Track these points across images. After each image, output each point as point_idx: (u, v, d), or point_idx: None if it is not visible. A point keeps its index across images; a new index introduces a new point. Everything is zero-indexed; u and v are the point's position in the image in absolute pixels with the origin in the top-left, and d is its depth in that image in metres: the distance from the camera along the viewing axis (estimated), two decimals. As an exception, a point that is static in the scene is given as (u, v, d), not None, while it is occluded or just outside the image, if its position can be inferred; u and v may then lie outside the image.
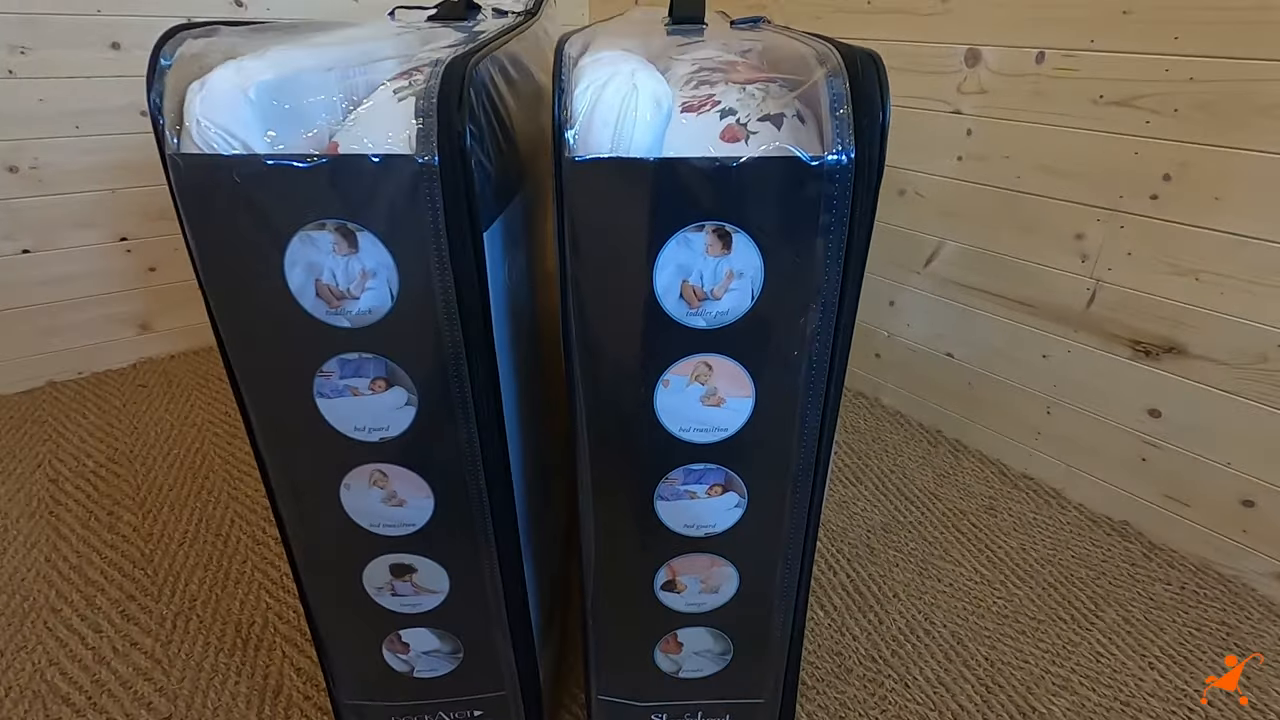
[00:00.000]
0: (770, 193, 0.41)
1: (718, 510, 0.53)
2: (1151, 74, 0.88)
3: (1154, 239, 0.93)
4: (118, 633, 0.84)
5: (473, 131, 0.41)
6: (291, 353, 0.46)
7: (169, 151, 0.40)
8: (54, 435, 1.20)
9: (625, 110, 0.41)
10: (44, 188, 1.24)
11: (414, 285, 0.44)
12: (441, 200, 0.41)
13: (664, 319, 0.45)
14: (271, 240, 0.42)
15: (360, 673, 0.63)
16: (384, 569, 0.56)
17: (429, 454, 0.50)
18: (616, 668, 0.63)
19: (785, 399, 0.48)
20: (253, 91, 0.40)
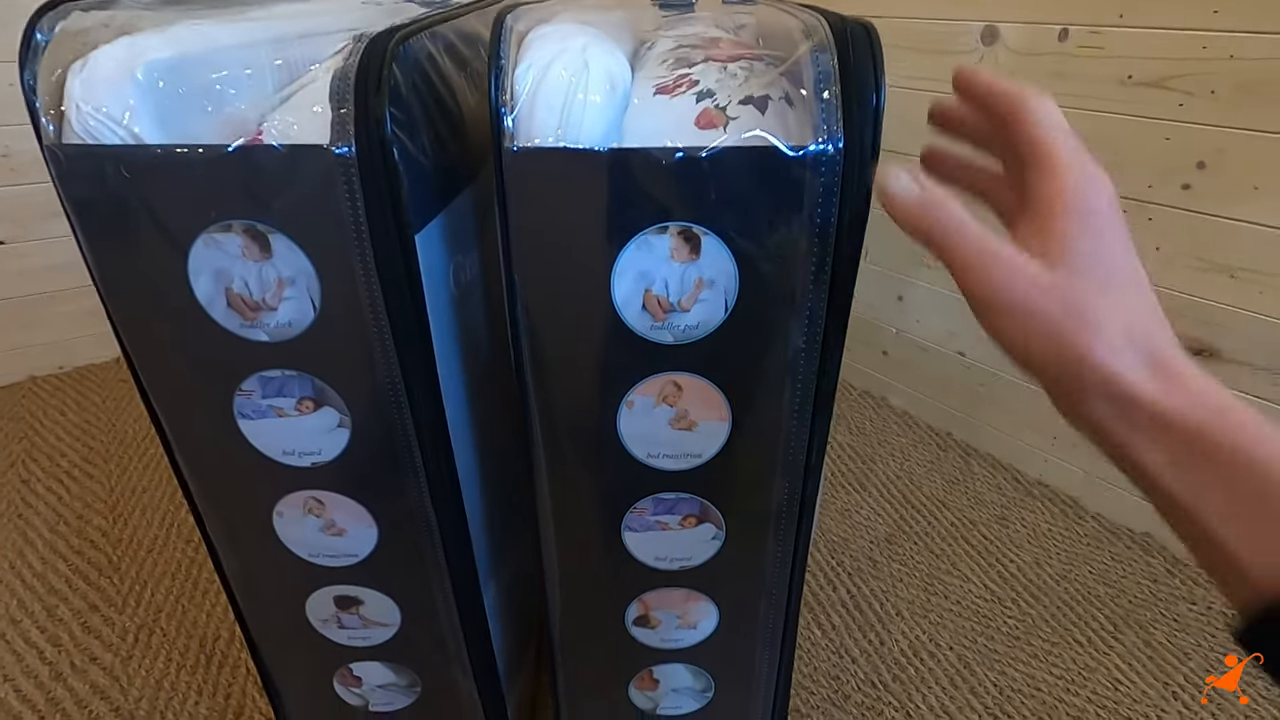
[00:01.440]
0: (744, 188, 0.35)
1: (692, 542, 0.47)
2: (1186, 51, 0.81)
3: (1185, 232, 0.85)
4: (77, 647, 0.80)
5: (397, 117, 0.35)
6: (205, 371, 0.41)
7: (47, 142, 0.35)
8: (30, 433, 1.17)
9: (573, 92, 0.35)
10: (17, 176, 1.20)
11: (338, 294, 0.38)
12: (362, 197, 0.36)
13: (625, 333, 0.39)
14: (171, 244, 0.37)
15: (311, 706, 0.58)
16: (328, 601, 0.51)
17: (368, 480, 0.45)
18: (589, 705, 0.58)
19: (766, 423, 0.42)
20: (141, 71, 0.35)
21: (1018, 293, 0.26)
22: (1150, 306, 0.26)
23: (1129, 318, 0.25)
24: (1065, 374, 0.25)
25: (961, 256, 0.27)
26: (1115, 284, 0.25)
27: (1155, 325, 0.25)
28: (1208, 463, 0.24)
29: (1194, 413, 0.24)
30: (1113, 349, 0.24)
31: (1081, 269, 0.25)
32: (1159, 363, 0.24)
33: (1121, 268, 0.26)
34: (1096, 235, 0.26)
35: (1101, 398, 0.25)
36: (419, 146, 0.38)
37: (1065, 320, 0.25)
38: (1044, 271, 0.26)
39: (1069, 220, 0.26)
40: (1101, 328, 0.25)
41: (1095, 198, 0.26)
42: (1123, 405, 0.24)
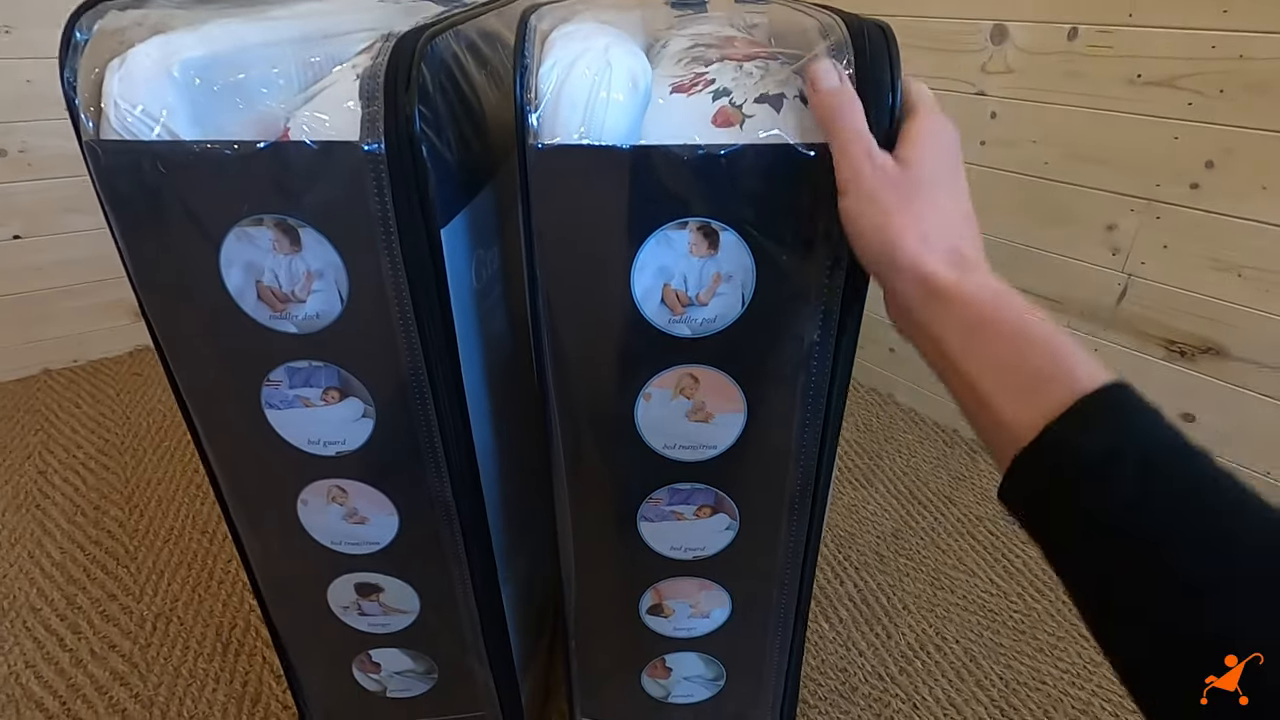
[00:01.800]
0: (762, 185, 0.36)
1: (707, 532, 0.48)
2: (1196, 51, 0.81)
3: (1193, 231, 0.86)
4: (96, 634, 0.81)
5: (425, 115, 0.36)
6: (235, 361, 0.42)
7: (86, 138, 0.36)
8: (46, 425, 1.18)
9: (597, 90, 0.36)
10: (33, 172, 1.21)
11: (365, 287, 0.39)
12: (390, 193, 0.37)
13: (644, 327, 0.40)
14: (205, 237, 0.38)
15: (330, 691, 0.59)
16: (349, 588, 0.52)
17: (390, 469, 0.46)
18: (601, 692, 0.59)
19: (781, 415, 0.43)
20: (177, 69, 0.36)
21: (867, 178, 0.33)
22: (962, 215, 0.33)
23: (942, 219, 0.32)
24: (884, 255, 0.32)
25: (844, 139, 0.34)
26: (940, 193, 0.33)
27: (963, 229, 0.33)
28: (986, 332, 0.30)
29: (979, 293, 0.30)
30: (924, 239, 0.31)
31: (917, 177, 0.33)
32: (958, 257, 0.31)
33: (947, 184, 0.33)
34: (937, 159, 0.33)
35: (910, 279, 0.31)
36: (445, 143, 0.39)
37: (894, 210, 0.32)
38: (894, 169, 0.33)
39: (920, 145, 0.34)
40: (919, 220, 0.32)
41: (943, 134, 0.34)
42: (925, 285, 0.31)
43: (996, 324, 0.30)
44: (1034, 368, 0.28)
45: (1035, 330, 0.29)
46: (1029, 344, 0.29)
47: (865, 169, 0.33)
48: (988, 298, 0.30)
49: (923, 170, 0.33)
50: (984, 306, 0.30)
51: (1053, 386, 0.27)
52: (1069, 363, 0.28)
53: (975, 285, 0.31)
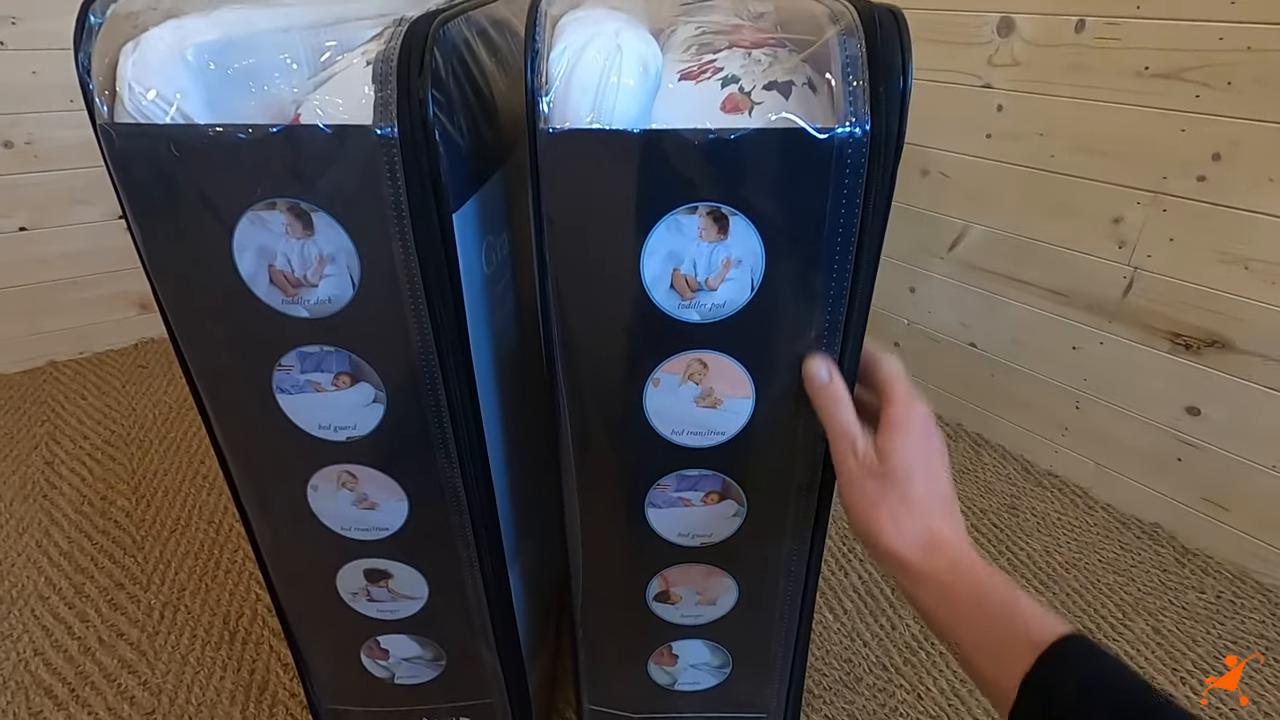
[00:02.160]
0: (772, 170, 0.36)
1: (714, 519, 0.48)
2: (1203, 43, 0.81)
3: (1199, 224, 0.86)
4: (104, 622, 0.82)
5: (438, 99, 0.36)
6: (247, 345, 0.42)
7: (100, 121, 0.36)
8: (53, 416, 1.19)
9: (607, 75, 0.36)
10: (40, 163, 1.22)
11: (377, 272, 0.39)
12: (403, 177, 0.37)
13: (653, 312, 0.40)
14: (218, 221, 0.38)
15: (339, 678, 0.60)
16: (358, 574, 0.52)
17: (400, 455, 0.46)
18: (608, 679, 0.60)
19: (788, 401, 0.43)
20: (191, 53, 0.36)
21: (853, 469, 0.39)
22: (938, 497, 0.38)
23: (916, 506, 0.37)
24: (869, 539, 0.39)
25: (834, 435, 0.40)
26: (915, 483, 0.38)
27: (936, 510, 0.38)
28: (954, 604, 0.36)
29: (942, 573, 0.36)
30: (898, 527, 0.37)
31: (893, 469, 0.38)
32: (928, 538, 0.37)
33: (921, 472, 0.38)
34: (912, 449, 0.38)
35: (890, 562, 0.38)
36: (456, 128, 0.39)
37: (873, 502, 0.38)
38: (874, 462, 0.39)
39: (896, 435, 0.39)
40: (894, 511, 0.37)
41: (917, 422, 0.39)
42: (901, 567, 0.37)
43: (960, 598, 0.36)
44: (997, 634, 0.34)
45: (992, 598, 0.35)
46: (988, 612, 0.35)
47: (851, 462, 0.39)
48: (949, 577, 0.36)
49: (899, 461, 0.38)
50: (948, 583, 0.36)
51: (1017, 648, 0.33)
52: (1024, 625, 0.33)
53: (942, 564, 0.36)
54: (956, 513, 0.38)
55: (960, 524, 0.38)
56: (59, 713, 0.72)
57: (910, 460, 0.38)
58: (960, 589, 0.36)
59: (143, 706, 0.73)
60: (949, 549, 0.37)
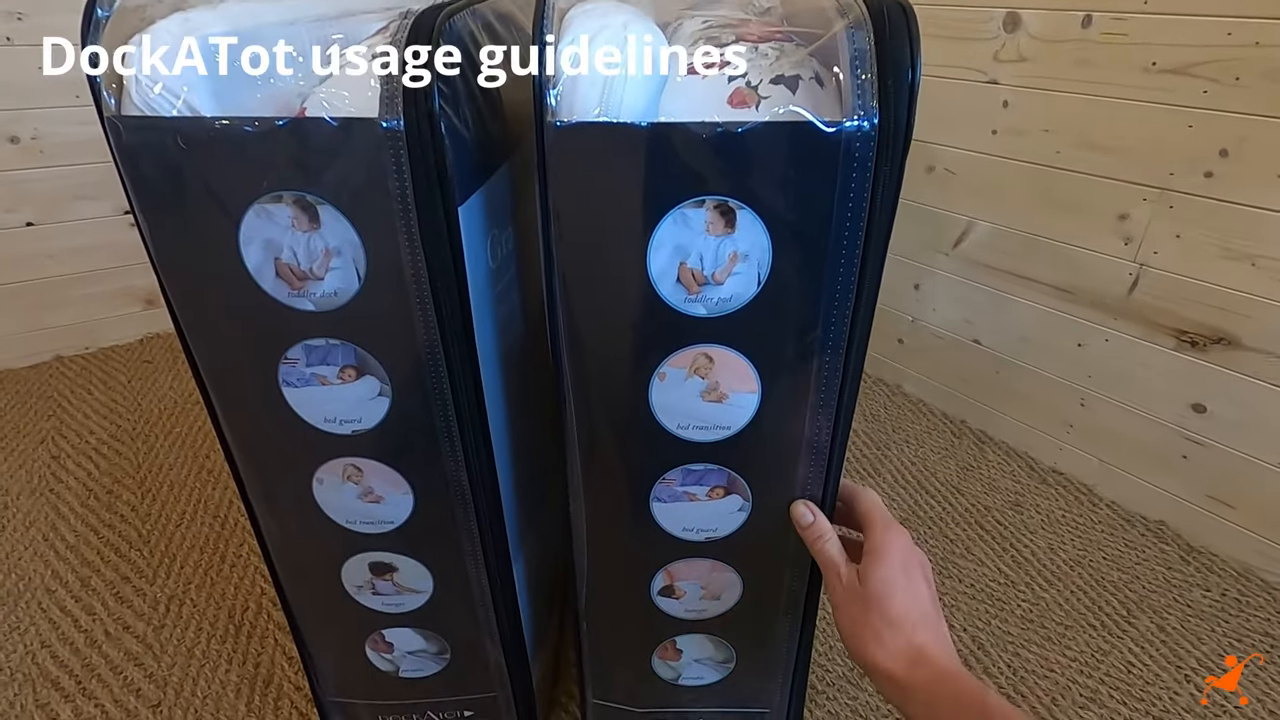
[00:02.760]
0: (780, 163, 0.36)
1: (719, 514, 0.48)
2: (1212, 38, 0.81)
3: (1206, 220, 0.86)
4: (110, 616, 0.82)
5: (444, 92, 0.36)
6: (253, 338, 0.42)
7: (107, 114, 0.36)
8: (58, 411, 1.19)
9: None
10: (45, 159, 1.22)
11: (383, 265, 0.39)
12: (409, 170, 0.37)
13: (659, 305, 0.40)
14: (225, 214, 0.38)
15: (343, 671, 0.60)
16: (363, 567, 0.52)
17: (406, 448, 0.46)
18: (612, 673, 0.60)
19: (795, 395, 0.43)
20: (198, 46, 0.36)
21: (840, 594, 0.44)
22: (919, 613, 0.41)
23: (897, 624, 0.41)
24: (857, 657, 0.42)
25: (822, 566, 0.46)
26: (894, 602, 0.41)
27: (918, 624, 0.41)
28: (938, 714, 0.39)
29: (926, 685, 0.39)
30: (880, 644, 0.41)
31: (874, 593, 0.42)
32: (912, 652, 0.40)
33: (901, 592, 0.42)
34: (891, 572, 0.42)
35: (877, 676, 0.41)
36: (462, 121, 0.39)
37: (858, 621, 0.42)
38: (856, 585, 0.43)
39: (877, 561, 0.43)
40: (877, 630, 0.41)
41: (895, 548, 0.43)
42: (888, 680, 0.41)
43: (944, 708, 0.38)
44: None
45: (971, 708, 0.38)
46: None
47: (838, 588, 0.44)
48: (933, 688, 0.39)
49: (878, 584, 0.42)
50: (934, 694, 0.39)
51: None
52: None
53: (925, 676, 0.39)
54: (940, 625, 0.42)
55: (944, 636, 0.41)
56: (66, 705, 0.72)
57: (889, 582, 0.42)
58: (943, 700, 0.39)
59: (149, 699, 0.73)
60: (932, 662, 0.40)
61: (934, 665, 0.40)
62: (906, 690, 0.40)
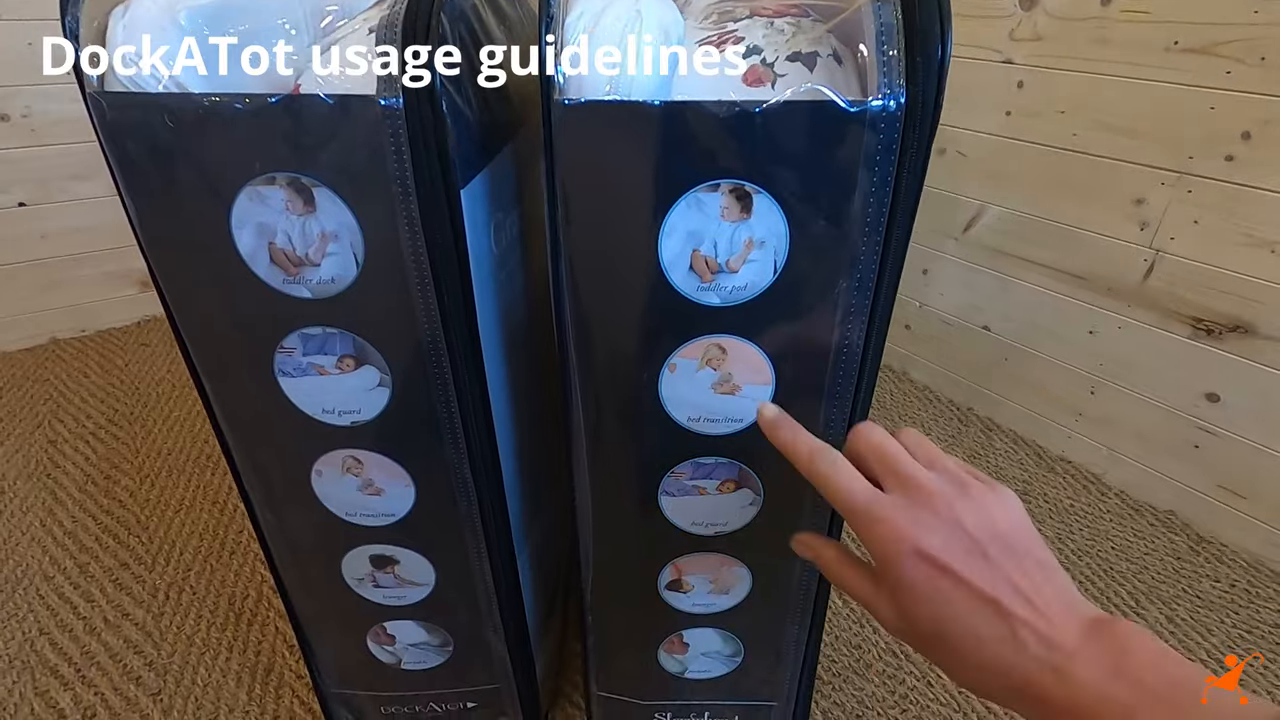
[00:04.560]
0: (800, 145, 0.34)
1: (729, 508, 0.47)
2: (1236, 16, 0.78)
3: (1226, 205, 0.83)
4: (109, 603, 0.81)
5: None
6: (247, 327, 0.40)
7: (89, 90, 0.34)
8: (55, 395, 1.18)
9: (627, 43, 0.34)
10: (37, 137, 1.19)
11: (382, 250, 0.38)
12: (408, 150, 0.35)
13: (671, 294, 0.38)
14: (215, 196, 0.36)
15: (345, 662, 0.59)
16: (364, 560, 0.51)
17: (407, 440, 0.45)
18: (618, 666, 0.59)
19: (810, 389, 0.42)
20: (184, 17, 0.34)
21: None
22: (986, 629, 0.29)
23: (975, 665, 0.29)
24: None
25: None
26: (952, 636, 0.30)
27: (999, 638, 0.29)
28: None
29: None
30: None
31: (926, 632, 0.31)
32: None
33: (952, 624, 0.29)
34: (916, 608, 0.30)
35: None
36: (465, 100, 0.37)
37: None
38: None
39: (894, 600, 0.31)
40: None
41: (893, 572, 0.31)
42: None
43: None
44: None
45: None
46: None
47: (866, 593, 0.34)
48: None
49: (924, 626, 0.31)
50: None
51: None
52: None
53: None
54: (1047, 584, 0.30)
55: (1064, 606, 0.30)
56: (65, 692, 0.72)
57: (928, 620, 0.31)
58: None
59: (149, 686, 0.72)
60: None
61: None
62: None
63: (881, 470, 0.33)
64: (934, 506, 0.31)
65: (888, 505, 0.31)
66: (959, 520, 0.30)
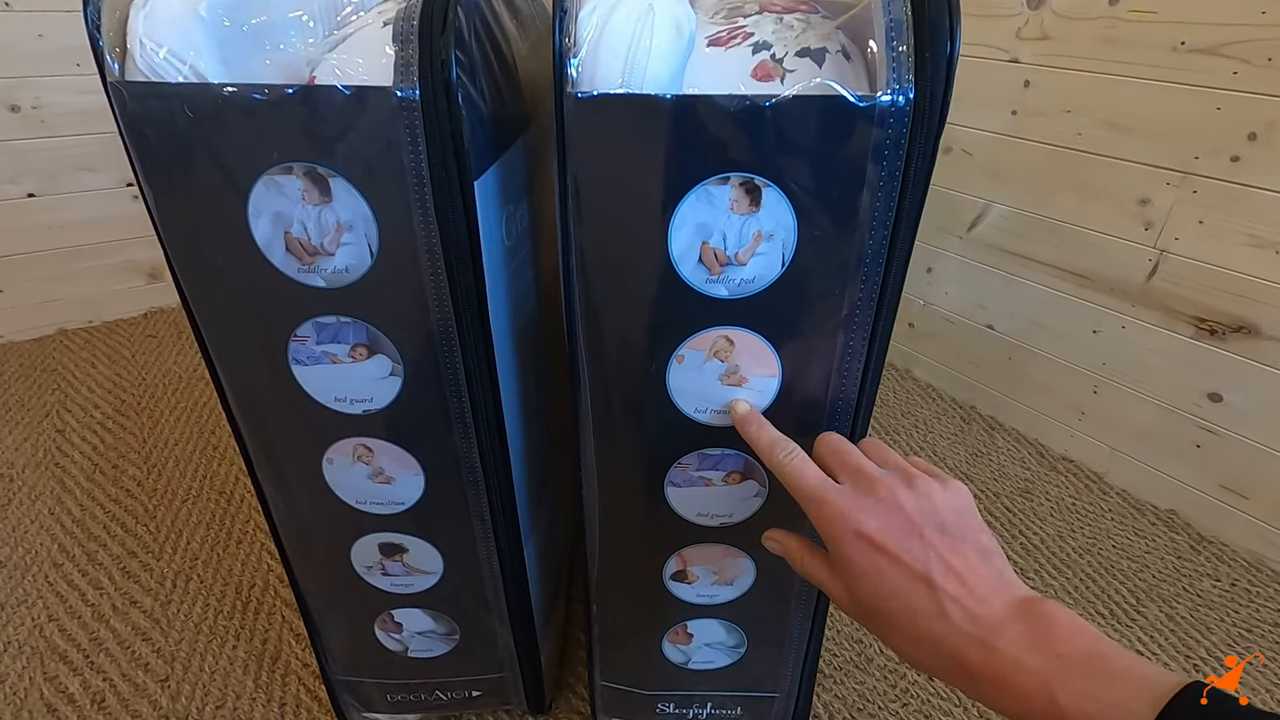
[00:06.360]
0: (809, 139, 0.35)
1: (735, 499, 0.48)
2: (1244, 16, 0.78)
3: (1231, 206, 0.84)
4: (118, 590, 0.82)
5: (461, 61, 0.35)
6: (262, 315, 0.41)
7: (110, 79, 0.35)
8: (63, 385, 1.19)
9: (639, 37, 0.34)
10: (46, 129, 1.20)
11: (396, 241, 0.38)
12: (424, 141, 0.35)
13: (680, 286, 0.39)
14: (232, 185, 0.37)
15: (352, 650, 0.59)
16: (373, 548, 0.52)
17: (417, 429, 0.45)
18: (621, 656, 0.59)
19: (816, 380, 0.42)
20: (205, 8, 0.35)
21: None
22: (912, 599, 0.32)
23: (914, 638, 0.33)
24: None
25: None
26: (892, 613, 0.33)
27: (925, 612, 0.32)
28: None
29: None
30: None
31: (868, 609, 0.34)
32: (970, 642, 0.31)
33: (890, 600, 0.33)
34: (860, 586, 0.34)
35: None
36: (479, 92, 0.38)
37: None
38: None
39: (840, 577, 0.36)
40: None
41: (840, 552, 0.34)
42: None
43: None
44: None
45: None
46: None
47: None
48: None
49: (868, 603, 0.34)
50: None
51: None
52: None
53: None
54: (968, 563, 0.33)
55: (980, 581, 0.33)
56: (74, 678, 0.72)
57: (873, 597, 0.34)
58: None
59: (157, 673, 0.73)
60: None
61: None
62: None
63: (836, 465, 0.37)
64: (877, 493, 0.34)
65: (834, 491, 0.35)
66: (899, 504, 0.33)
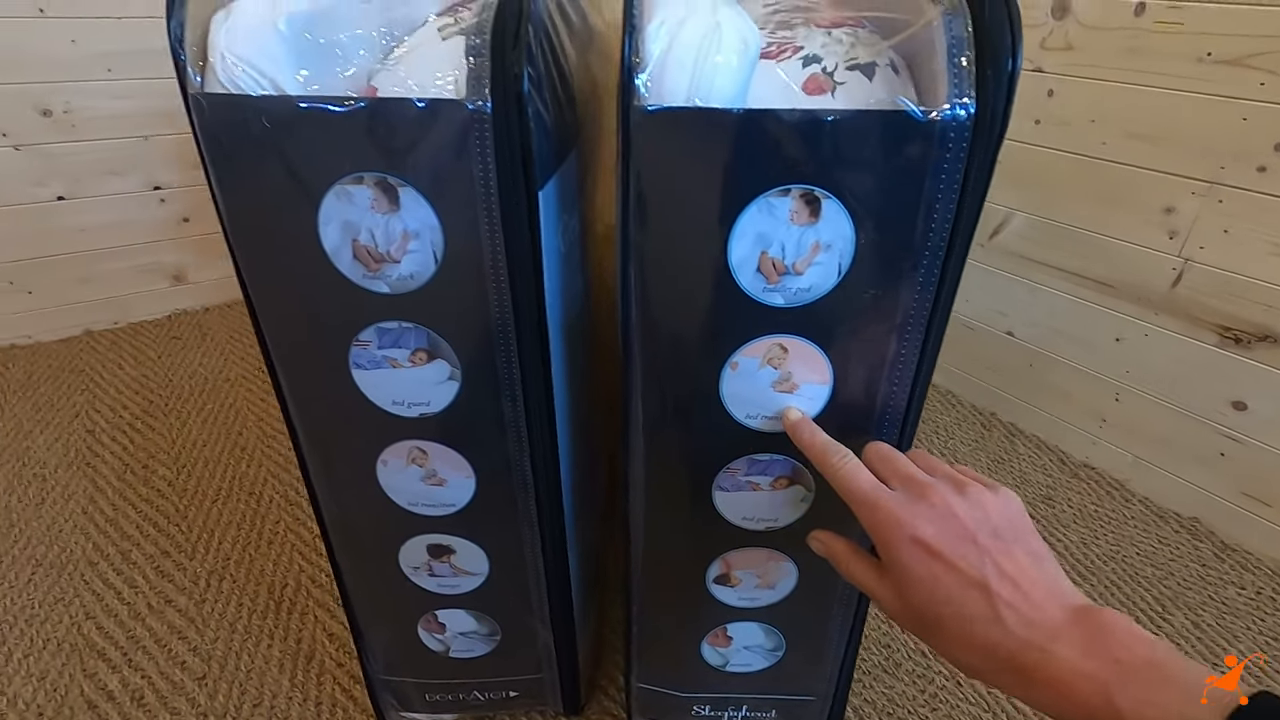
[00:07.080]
0: (870, 153, 0.36)
1: (782, 504, 0.48)
2: (1272, 28, 0.79)
3: (1257, 215, 0.84)
4: (152, 589, 0.83)
5: (530, 75, 0.36)
6: (326, 319, 0.42)
7: (191, 91, 0.36)
8: (91, 385, 1.20)
9: (706, 52, 0.35)
10: (77, 133, 1.22)
11: (461, 249, 0.39)
12: (494, 153, 0.36)
13: (737, 294, 0.40)
14: (305, 194, 0.38)
15: (394, 649, 0.60)
16: (421, 549, 0.52)
17: (472, 433, 0.46)
18: (660, 658, 0.60)
19: (866, 389, 0.43)
20: (284, 23, 0.36)
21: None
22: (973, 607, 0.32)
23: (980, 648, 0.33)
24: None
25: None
26: (946, 621, 0.33)
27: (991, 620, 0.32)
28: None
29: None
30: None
31: (924, 616, 0.34)
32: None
33: (944, 606, 0.33)
34: (917, 594, 0.34)
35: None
36: (544, 105, 0.39)
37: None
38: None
39: (896, 585, 0.36)
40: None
41: (896, 560, 0.35)
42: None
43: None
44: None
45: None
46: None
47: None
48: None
49: (925, 610, 0.35)
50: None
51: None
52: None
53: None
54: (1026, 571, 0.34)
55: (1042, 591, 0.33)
56: (113, 675, 0.73)
57: (930, 603, 0.35)
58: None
59: (194, 671, 0.74)
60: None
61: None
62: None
63: (887, 472, 0.37)
64: (930, 499, 0.34)
65: (888, 496, 0.35)
66: (952, 511, 0.33)
